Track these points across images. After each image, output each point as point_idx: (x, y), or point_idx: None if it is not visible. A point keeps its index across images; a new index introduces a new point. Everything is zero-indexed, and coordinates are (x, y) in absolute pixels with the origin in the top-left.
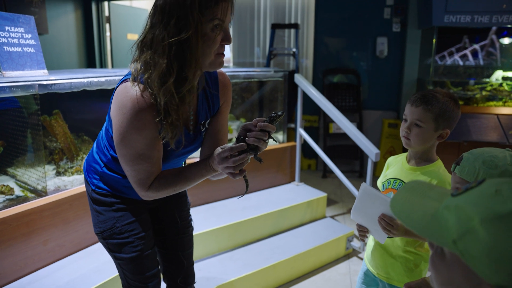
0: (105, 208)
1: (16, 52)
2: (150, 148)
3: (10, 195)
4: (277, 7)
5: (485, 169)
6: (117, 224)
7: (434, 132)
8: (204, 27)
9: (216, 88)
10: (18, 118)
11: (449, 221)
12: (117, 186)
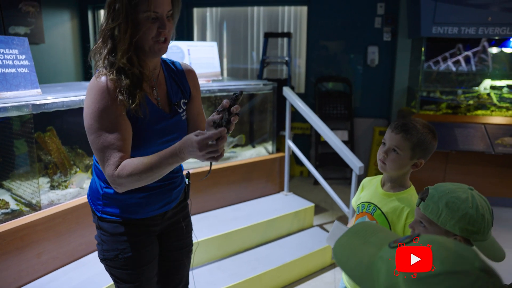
0: (110, 239)
1: (11, 73)
2: (116, 128)
3: (6, 209)
4: (270, 16)
5: (447, 211)
6: (120, 256)
7: (409, 160)
8: (137, 17)
9: (182, 75)
10: (13, 135)
11: (380, 273)
12: (122, 205)
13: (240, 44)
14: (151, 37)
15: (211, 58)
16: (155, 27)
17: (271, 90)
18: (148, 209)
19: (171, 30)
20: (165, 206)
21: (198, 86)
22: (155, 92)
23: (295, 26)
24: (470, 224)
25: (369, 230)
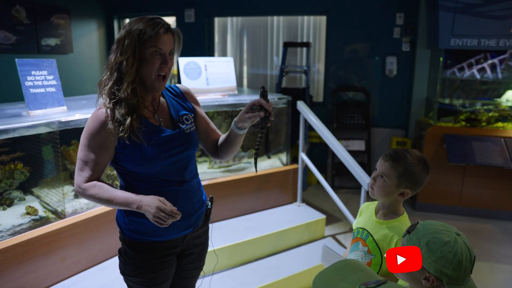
0: (133, 258)
1: (40, 93)
2: (96, 152)
3: (35, 215)
4: (290, 25)
5: (426, 250)
6: (139, 275)
7: (395, 188)
8: (144, 52)
9: (183, 96)
10: (41, 148)
11: None
12: (145, 229)
13: (260, 52)
14: (154, 71)
15: (228, 73)
16: (158, 63)
17: (286, 104)
18: (169, 233)
19: (171, 68)
20: (185, 230)
21: (197, 102)
22: (156, 116)
23: (314, 35)
24: (445, 268)
25: (350, 268)
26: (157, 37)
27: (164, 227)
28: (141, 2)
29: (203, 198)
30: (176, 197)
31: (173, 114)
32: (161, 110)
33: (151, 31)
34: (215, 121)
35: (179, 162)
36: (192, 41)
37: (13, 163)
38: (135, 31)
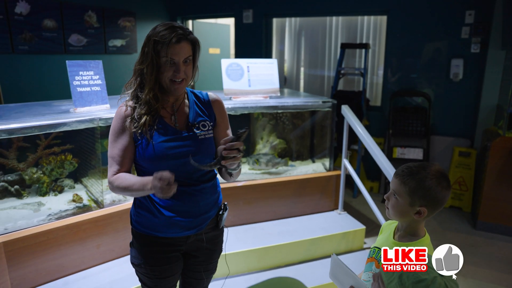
0: (138, 249)
1: (86, 92)
2: (119, 147)
3: (79, 203)
4: (349, 25)
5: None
6: (143, 265)
7: (409, 206)
8: (159, 61)
9: (208, 104)
10: (87, 142)
11: None
12: (149, 223)
13: (318, 54)
14: (168, 78)
15: (270, 75)
16: (172, 71)
17: (330, 108)
18: (170, 231)
19: (189, 72)
20: (187, 231)
21: (224, 113)
22: (172, 117)
23: (374, 37)
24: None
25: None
26: (169, 47)
27: (164, 226)
28: (202, 4)
29: (216, 203)
30: (181, 197)
31: (191, 118)
32: (180, 112)
33: (164, 41)
34: (259, 123)
35: (188, 165)
36: (249, 42)
37: (63, 154)
38: (151, 41)
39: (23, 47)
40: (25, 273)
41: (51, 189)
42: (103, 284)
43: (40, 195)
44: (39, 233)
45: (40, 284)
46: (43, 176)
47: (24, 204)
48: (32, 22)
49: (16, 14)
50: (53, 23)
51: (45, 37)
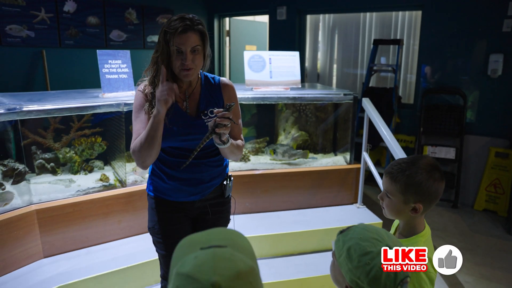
0: (151, 211)
1: (114, 79)
2: (141, 121)
3: (106, 182)
4: (383, 21)
5: (345, 256)
6: (155, 226)
7: (404, 204)
8: (170, 49)
9: (218, 88)
10: (113, 126)
11: None
12: (159, 188)
13: (351, 50)
14: (177, 66)
15: (292, 67)
16: (180, 59)
17: (352, 100)
18: (177, 195)
19: (197, 61)
20: (190, 197)
21: (232, 98)
22: (184, 102)
23: (408, 33)
24: (360, 280)
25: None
26: (176, 36)
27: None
28: (238, 2)
29: (221, 174)
30: (187, 167)
31: (201, 106)
32: (192, 98)
33: (171, 31)
34: (283, 114)
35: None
36: (283, 38)
37: (93, 136)
38: (162, 31)
39: (69, 41)
40: (54, 239)
41: (82, 168)
42: (121, 256)
43: (72, 173)
44: (67, 204)
45: (66, 251)
46: (75, 156)
47: (57, 180)
48: (78, 19)
49: (64, 12)
50: (96, 20)
51: (88, 33)
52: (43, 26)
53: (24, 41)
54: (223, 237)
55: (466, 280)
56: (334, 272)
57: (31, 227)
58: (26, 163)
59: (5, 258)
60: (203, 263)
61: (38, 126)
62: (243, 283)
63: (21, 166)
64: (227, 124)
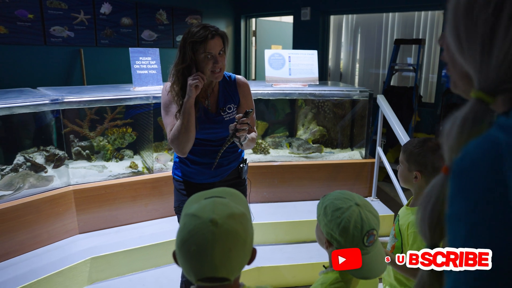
0: (176, 193)
1: (144, 74)
2: (173, 116)
3: (135, 169)
4: (406, 21)
5: (322, 213)
6: (180, 205)
7: (408, 172)
8: (198, 58)
9: (234, 86)
10: (143, 118)
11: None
12: (184, 172)
13: (373, 50)
14: (208, 69)
15: (310, 65)
16: (211, 63)
17: (367, 97)
18: (199, 177)
19: (224, 62)
20: (211, 178)
21: (248, 96)
22: (206, 101)
23: (430, 33)
24: (333, 231)
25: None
26: (206, 43)
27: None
28: (264, 3)
29: (237, 159)
30: (209, 152)
31: (220, 103)
32: (212, 95)
33: (201, 40)
34: (302, 110)
35: (217, 137)
36: (307, 38)
37: (125, 127)
38: (189, 43)
39: (104, 41)
40: (88, 218)
41: (113, 156)
42: (147, 235)
43: (104, 160)
44: (100, 187)
45: (98, 229)
46: (108, 144)
47: (92, 165)
48: (113, 20)
49: (101, 14)
50: (129, 20)
51: (122, 33)
52: (81, 27)
53: (65, 41)
54: (223, 192)
55: None
56: (317, 232)
57: (69, 205)
58: (65, 149)
59: (48, 230)
60: (205, 206)
61: (76, 117)
62: (235, 222)
63: (61, 152)
64: (245, 128)
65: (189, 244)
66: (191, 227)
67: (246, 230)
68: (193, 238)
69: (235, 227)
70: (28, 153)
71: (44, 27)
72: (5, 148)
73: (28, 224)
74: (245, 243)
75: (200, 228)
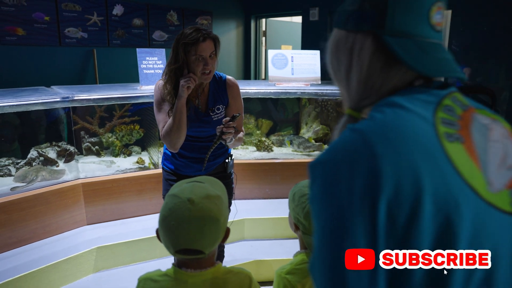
0: (165, 181)
1: (150, 74)
2: (165, 114)
3: (142, 165)
4: None
5: (291, 199)
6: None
7: None
8: (189, 59)
9: (223, 86)
10: (149, 115)
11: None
12: (172, 162)
13: None
14: (199, 71)
15: (313, 65)
16: (201, 64)
17: None
18: (186, 170)
19: (214, 64)
20: (197, 172)
21: (237, 97)
22: (196, 100)
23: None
24: (299, 215)
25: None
26: (197, 46)
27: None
28: (274, 3)
29: (224, 154)
30: (194, 149)
31: (210, 103)
32: (203, 95)
33: (192, 42)
34: (306, 109)
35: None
36: (315, 37)
37: (132, 124)
38: (181, 44)
39: (116, 41)
40: (95, 210)
41: (122, 152)
42: (150, 228)
43: (113, 155)
44: (107, 180)
45: (105, 221)
46: (116, 140)
47: (101, 161)
48: (124, 21)
49: (113, 15)
50: (141, 21)
51: (133, 33)
52: (94, 28)
53: (78, 42)
54: (203, 179)
55: None
56: (289, 218)
57: (77, 198)
58: (76, 145)
59: (57, 221)
60: (185, 188)
61: (86, 114)
62: (210, 202)
63: (72, 147)
64: (231, 131)
65: (169, 220)
66: (172, 205)
67: (220, 210)
68: (172, 215)
69: (210, 207)
70: (41, 148)
71: (59, 29)
72: (20, 143)
73: (39, 215)
74: (218, 222)
75: (179, 206)
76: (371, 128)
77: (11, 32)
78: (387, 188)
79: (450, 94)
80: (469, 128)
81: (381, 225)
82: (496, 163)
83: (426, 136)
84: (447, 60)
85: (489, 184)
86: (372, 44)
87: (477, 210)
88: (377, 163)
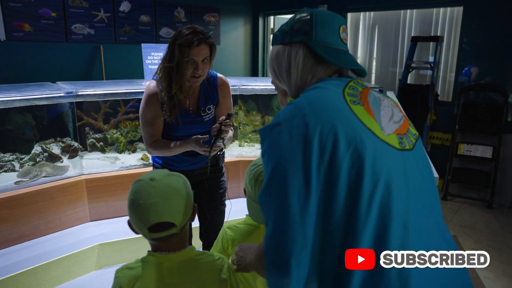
0: None
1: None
2: (152, 121)
3: (146, 161)
4: (423, 18)
5: (247, 173)
6: None
7: None
8: (182, 61)
9: (214, 86)
10: None
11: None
12: (165, 159)
13: (391, 48)
14: (188, 74)
15: None
16: (192, 68)
17: None
18: (178, 165)
19: (205, 69)
20: (190, 166)
21: (227, 95)
22: (188, 100)
23: (449, 30)
24: (247, 181)
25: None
26: (190, 49)
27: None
28: (282, 1)
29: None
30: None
31: (200, 104)
32: (194, 96)
33: (186, 45)
34: None
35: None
36: None
37: (137, 120)
38: (177, 44)
39: (123, 38)
40: (98, 206)
41: (126, 148)
42: None
43: (118, 152)
44: (110, 177)
45: (108, 218)
46: (121, 137)
47: (105, 157)
48: (131, 18)
49: (120, 12)
50: (148, 18)
51: (140, 30)
52: (101, 24)
53: (85, 38)
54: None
55: (486, 276)
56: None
57: (81, 194)
58: (80, 141)
59: (60, 217)
60: (146, 174)
61: (91, 110)
62: (172, 179)
63: (76, 143)
64: (228, 130)
65: (137, 200)
66: (136, 188)
67: (183, 186)
68: (139, 195)
69: (172, 181)
70: (46, 143)
71: (66, 25)
72: (24, 138)
73: (42, 210)
74: (183, 195)
75: (143, 186)
76: (301, 101)
77: (18, 28)
78: (316, 133)
79: (354, 80)
80: (367, 98)
81: (314, 158)
82: (387, 119)
83: (337, 101)
84: (352, 59)
85: (382, 130)
86: (303, 50)
87: (376, 144)
88: (306, 119)
